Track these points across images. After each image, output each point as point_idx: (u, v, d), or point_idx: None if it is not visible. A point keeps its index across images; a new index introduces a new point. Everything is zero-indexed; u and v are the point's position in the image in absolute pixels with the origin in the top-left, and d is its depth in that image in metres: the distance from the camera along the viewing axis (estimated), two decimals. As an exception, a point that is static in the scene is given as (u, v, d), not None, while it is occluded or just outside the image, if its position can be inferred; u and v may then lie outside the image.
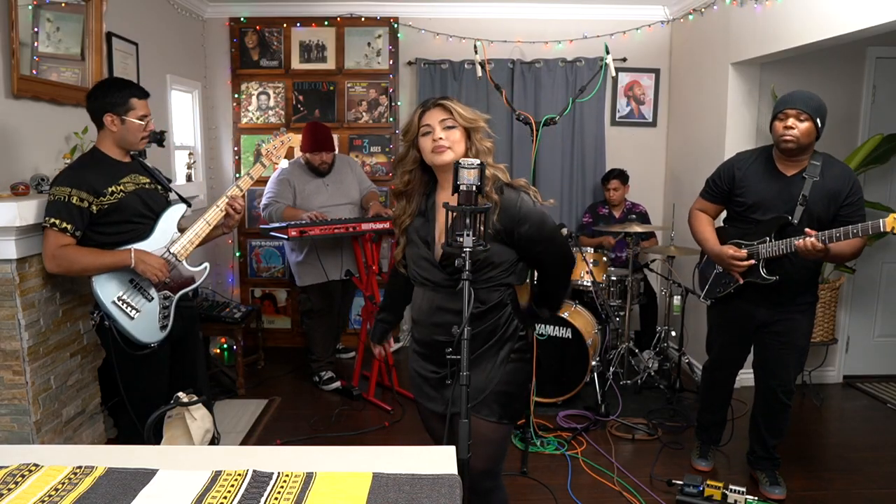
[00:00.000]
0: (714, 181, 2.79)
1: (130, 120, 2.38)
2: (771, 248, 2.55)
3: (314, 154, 3.92)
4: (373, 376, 3.94)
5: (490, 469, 1.92)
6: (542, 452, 3.23)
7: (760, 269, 2.61)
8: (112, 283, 2.35)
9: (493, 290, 1.82)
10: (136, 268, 2.34)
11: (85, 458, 1.33)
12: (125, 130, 2.38)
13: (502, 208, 1.77)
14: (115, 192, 2.35)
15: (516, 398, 1.93)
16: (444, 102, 1.79)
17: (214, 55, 4.80)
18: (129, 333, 2.36)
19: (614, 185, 4.50)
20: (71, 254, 2.26)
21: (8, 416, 2.39)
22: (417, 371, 1.98)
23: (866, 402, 3.98)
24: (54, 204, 2.25)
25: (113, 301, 2.34)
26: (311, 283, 3.98)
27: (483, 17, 4.74)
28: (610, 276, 4.16)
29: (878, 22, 2.65)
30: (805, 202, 2.53)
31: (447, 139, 1.75)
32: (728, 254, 2.64)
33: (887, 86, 4.06)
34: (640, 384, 4.06)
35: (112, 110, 2.35)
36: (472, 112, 1.80)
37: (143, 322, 2.40)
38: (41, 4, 2.75)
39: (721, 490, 2.62)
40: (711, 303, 2.89)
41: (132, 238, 2.40)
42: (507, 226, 1.77)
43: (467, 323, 1.51)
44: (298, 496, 1.17)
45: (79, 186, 2.26)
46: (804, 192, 2.53)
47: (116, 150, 2.42)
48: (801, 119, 2.46)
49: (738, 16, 3.77)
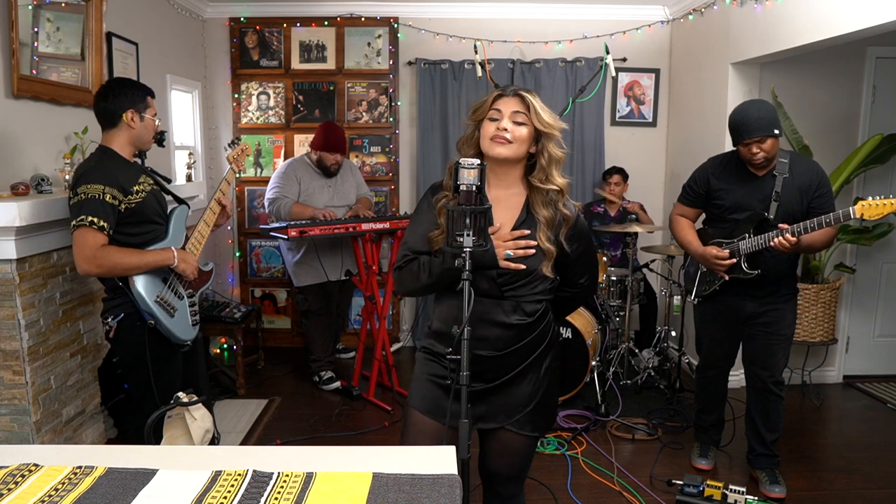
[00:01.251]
0: (691, 187, 2.90)
1: (148, 118, 2.38)
2: (750, 243, 2.66)
3: (327, 154, 3.92)
4: (373, 376, 3.94)
5: (518, 476, 1.91)
6: (543, 452, 3.23)
7: (742, 265, 2.71)
8: (154, 283, 2.33)
9: (538, 302, 1.74)
10: (177, 267, 2.35)
11: (85, 458, 1.33)
12: (143, 128, 2.37)
13: (573, 225, 1.71)
14: (139, 192, 2.33)
15: (554, 406, 1.90)
16: (524, 94, 1.66)
17: (214, 55, 4.80)
18: (171, 332, 2.35)
19: (616, 179, 4.51)
20: (113, 254, 2.20)
21: (8, 416, 2.39)
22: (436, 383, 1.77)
23: (866, 402, 3.98)
24: (89, 202, 2.16)
25: (155, 300, 2.32)
26: (310, 284, 3.98)
27: (483, 17, 4.74)
28: (610, 276, 4.16)
29: (878, 22, 2.65)
30: (778, 198, 2.65)
31: (512, 132, 1.64)
32: (711, 254, 2.75)
33: (887, 86, 4.06)
34: (640, 384, 4.06)
35: (133, 107, 2.33)
36: (551, 115, 1.68)
37: (180, 320, 2.41)
38: (41, 4, 2.75)
39: (721, 490, 2.61)
40: (699, 301, 2.95)
41: (154, 239, 2.39)
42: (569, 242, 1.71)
43: (467, 323, 1.46)
44: (298, 496, 1.17)
45: (111, 184, 2.21)
46: (776, 188, 2.66)
47: (128, 148, 2.38)
48: (762, 141, 2.58)
49: (738, 16, 3.77)
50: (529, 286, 1.71)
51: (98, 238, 2.18)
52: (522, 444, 1.81)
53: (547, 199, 1.70)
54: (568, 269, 1.78)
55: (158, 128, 2.47)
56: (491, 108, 1.68)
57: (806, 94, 3.98)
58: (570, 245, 1.72)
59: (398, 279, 1.79)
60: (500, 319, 1.68)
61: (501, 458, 1.83)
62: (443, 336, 1.75)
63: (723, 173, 2.79)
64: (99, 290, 2.83)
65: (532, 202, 1.71)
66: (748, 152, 2.62)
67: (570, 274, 1.80)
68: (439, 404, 1.76)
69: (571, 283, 1.83)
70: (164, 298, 2.35)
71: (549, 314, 1.80)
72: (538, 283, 1.71)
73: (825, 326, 3.86)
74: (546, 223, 1.68)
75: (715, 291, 2.84)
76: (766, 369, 2.82)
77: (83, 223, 2.15)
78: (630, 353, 4.19)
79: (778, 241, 2.51)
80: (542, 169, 1.69)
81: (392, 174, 4.93)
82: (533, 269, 1.68)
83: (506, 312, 1.69)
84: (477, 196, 1.52)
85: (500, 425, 1.78)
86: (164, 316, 2.34)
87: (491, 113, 1.68)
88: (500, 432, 1.79)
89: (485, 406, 1.76)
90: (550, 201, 1.70)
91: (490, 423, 1.77)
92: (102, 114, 2.34)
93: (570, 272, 1.80)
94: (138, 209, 2.32)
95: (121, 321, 2.33)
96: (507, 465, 1.85)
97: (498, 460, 1.83)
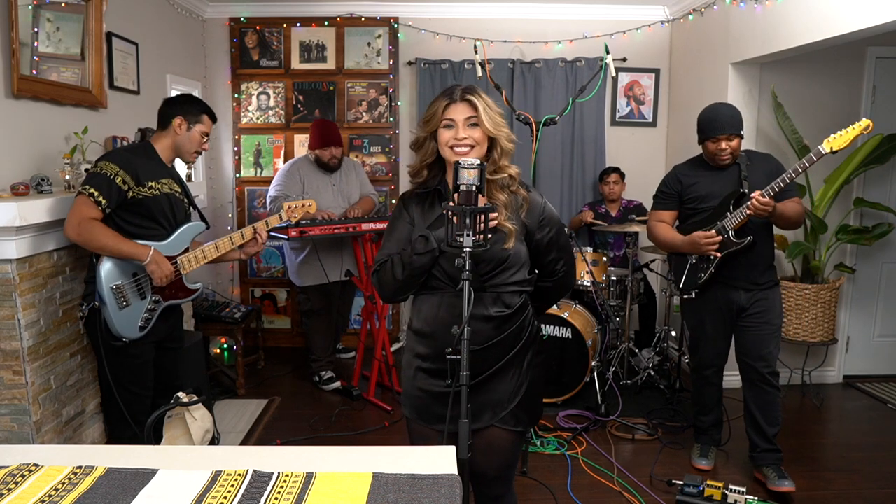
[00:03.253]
0: (663, 191, 3.05)
1: (196, 131, 2.56)
2: (732, 219, 2.77)
3: (323, 149, 3.93)
4: (373, 376, 3.94)
5: (504, 476, 1.90)
6: (542, 452, 3.23)
7: (731, 238, 2.79)
8: (118, 270, 2.40)
9: (517, 294, 1.77)
10: (147, 266, 2.40)
11: (85, 458, 1.33)
12: (186, 138, 2.55)
13: (530, 206, 1.77)
14: (154, 188, 2.44)
15: (538, 401, 1.92)
16: (471, 99, 1.70)
17: (214, 55, 4.80)
18: (112, 321, 2.39)
19: (614, 178, 4.51)
20: (96, 229, 2.31)
21: (8, 416, 2.39)
22: (424, 389, 1.80)
23: (866, 402, 3.98)
24: (98, 176, 2.32)
25: (112, 286, 2.37)
26: (311, 284, 3.98)
27: (483, 17, 4.74)
28: (610, 276, 4.16)
29: (878, 22, 2.65)
30: (747, 178, 2.79)
31: (471, 136, 1.69)
32: (699, 236, 2.83)
33: (887, 86, 4.06)
34: (640, 384, 4.06)
35: (185, 115, 2.53)
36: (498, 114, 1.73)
37: (128, 316, 2.43)
38: (41, 4, 2.75)
39: (721, 490, 2.62)
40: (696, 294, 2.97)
41: (151, 237, 2.47)
42: (531, 225, 1.77)
43: (467, 323, 1.47)
44: (298, 496, 1.17)
45: (126, 169, 2.35)
46: (743, 172, 2.81)
47: (168, 152, 2.56)
48: (730, 139, 2.77)
49: (738, 16, 3.77)
50: (507, 273, 1.74)
51: (91, 210, 2.30)
52: (508, 442, 1.81)
53: (501, 184, 1.77)
54: (542, 255, 1.83)
55: (203, 147, 2.62)
56: (443, 118, 1.72)
57: (806, 94, 3.98)
58: (540, 231, 1.79)
59: (377, 283, 1.82)
60: (480, 312, 1.70)
61: (486, 456, 1.81)
62: (423, 335, 1.79)
63: (691, 171, 2.97)
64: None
65: (488, 190, 1.77)
66: (717, 147, 2.79)
67: (546, 261, 1.85)
68: (430, 410, 1.81)
69: (549, 270, 1.87)
70: (121, 289, 2.40)
71: (528, 308, 1.83)
72: (514, 270, 1.75)
73: (825, 326, 3.86)
74: (504, 205, 1.75)
75: (711, 277, 2.88)
76: (762, 359, 2.87)
77: (84, 191, 2.29)
78: (630, 353, 4.19)
79: (754, 201, 2.62)
80: (493, 161, 1.76)
81: (392, 174, 4.93)
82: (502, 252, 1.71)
83: (486, 305, 1.72)
84: (477, 196, 1.53)
85: (487, 424, 1.78)
86: (113, 304, 2.38)
87: (444, 122, 1.72)
88: (485, 430, 1.79)
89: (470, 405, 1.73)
90: (504, 186, 1.78)
91: (477, 423, 1.77)
92: (160, 115, 2.57)
93: (545, 259, 1.84)
94: (146, 203, 2.42)
95: (93, 308, 2.41)
96: (492, 465, 1.83)
97: (483, 459, 1.81)
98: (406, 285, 1.77)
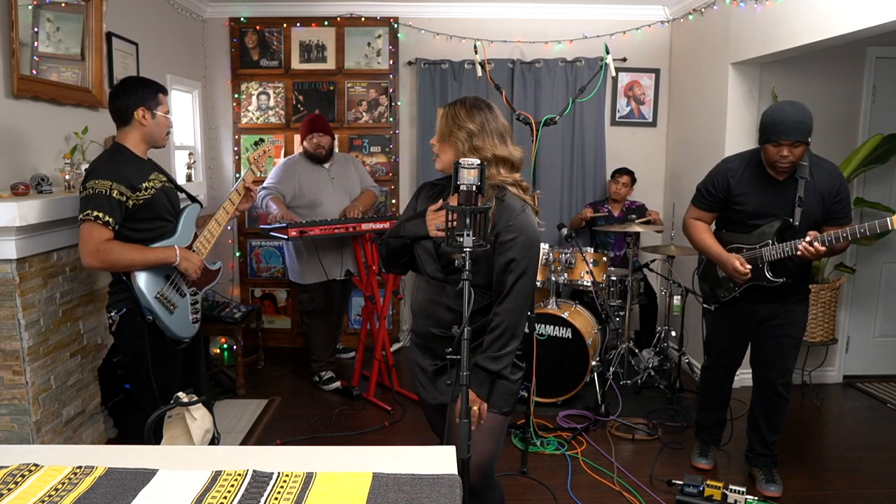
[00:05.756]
0: (708, 190, 2.77)
1: (160, 115, 2.41)
2: (774, 251, 2.59)
3: (308, 138, 3.95)
4: (373, 376, 3.94)
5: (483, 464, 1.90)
6: (542, 452, 3.23)
7: (766, 272, 2.63)
8: (155, 279, 2.35)
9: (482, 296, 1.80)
10: (180, 265, 2.38)
11: (85, 458, 1.33)
12: (155, 125, 2.41)
13: (499, 211, 1.80)
14: (148, 189, 2.36)
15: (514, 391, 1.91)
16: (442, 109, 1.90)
17: (214, 55, 4.80)
18: (169, 328, 2.37)
19: (624, 180, 4.50)
20: (116, 249, 2.24)
21: (8, 416, 2.39)
22: (416, 362, 2.03)
23: (866, 402, 3.98)
24: (96, 197, 2.21)
25: (155, 296, 2.34)
26: (314, 283, 3.98)
27: (483, 17, 4.74)
28: (610, 276, 4.16)
29: (878, 22, 2.65)
30: (802, 203, 2.57)
31: (435, 148, 1.91)
32: (734, 266, 2.64)
33: (887, 86, 4.06)
34: (640, 384, 4.06)
35: (144, 104, 2.36)
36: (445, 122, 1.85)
37: (179, 317, 2.43)
38: (41, 4, 2.75)
39: (721, 490, 2.61)
40: (713, 308, 2.89)
41: (162, 235, 2.42)
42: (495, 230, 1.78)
43: (467, 323, 1.51)
44: (298, 496, 1.17)
45: (118, 180, 2.26)
46: (799, 193, 2.57)
47: (141, 146, 2.42)
48: (794, 146, 2.47)
49: (738, 16, 3.77)
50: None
51: (103, 233, 2.22)
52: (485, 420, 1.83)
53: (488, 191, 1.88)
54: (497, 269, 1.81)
55: (171, 124, 2.51)
56: None
57: (806, 94, 3.96)
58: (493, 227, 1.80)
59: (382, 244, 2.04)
60: (445, 302, 1.87)
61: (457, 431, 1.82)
62: (413, 314, 2.08)
63: (742, 176, 2.66)
64: (99, 290, 2.83)
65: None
66: (777, 153, 2.49)
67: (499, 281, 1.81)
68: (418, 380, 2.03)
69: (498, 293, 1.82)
70: (164, 295, 2.37)
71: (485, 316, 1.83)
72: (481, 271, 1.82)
73: (825, 326, 3.86)
74: None
75: (735, 298, 2.77)
76: (778, 371, 2.78)
77: (89, 217, 2.20)
78: (630, 353, 4.19)
79: (804, 246, 2.45)
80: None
81: (392, 174, 4.93)
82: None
83: (448, 297, 1.86)
84: (477, 196, 1.56)
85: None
86: (164, 312, 2.35)
87: None
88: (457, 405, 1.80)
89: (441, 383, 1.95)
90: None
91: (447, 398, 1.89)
92: (115, 112, 2.39)
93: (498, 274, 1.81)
94: (147, 205, 2.35)
95: (123, 315, 2.35)
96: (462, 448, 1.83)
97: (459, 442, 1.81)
98: (387, 261, 2.05)
